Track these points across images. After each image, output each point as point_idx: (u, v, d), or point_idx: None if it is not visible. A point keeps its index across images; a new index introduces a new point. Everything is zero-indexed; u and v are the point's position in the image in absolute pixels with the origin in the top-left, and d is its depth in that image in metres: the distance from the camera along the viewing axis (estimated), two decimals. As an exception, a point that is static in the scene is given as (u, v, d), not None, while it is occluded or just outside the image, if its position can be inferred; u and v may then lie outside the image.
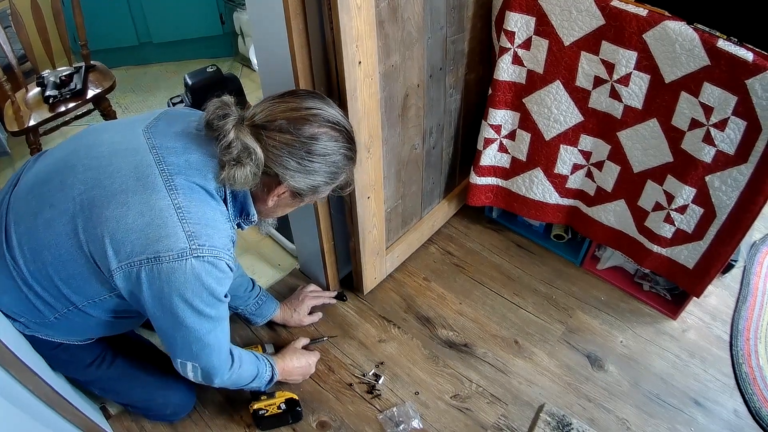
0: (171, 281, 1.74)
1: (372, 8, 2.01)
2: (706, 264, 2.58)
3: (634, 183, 2.61)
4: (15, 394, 1.70)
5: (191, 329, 1.87)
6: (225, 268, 1.84)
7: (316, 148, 1.81)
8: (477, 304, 2.98)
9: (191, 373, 2.06)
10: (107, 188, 1.77)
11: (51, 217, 1.81)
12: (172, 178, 1.78)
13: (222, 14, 4.62)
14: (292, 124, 1.79)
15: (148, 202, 1.74)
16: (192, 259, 1.73)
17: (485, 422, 2.52)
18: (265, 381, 2.35)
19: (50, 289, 1.88)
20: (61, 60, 3.64)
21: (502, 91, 2.70)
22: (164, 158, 1.81)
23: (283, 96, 1.88)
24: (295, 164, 1.80)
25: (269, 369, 2.37)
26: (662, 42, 2.20)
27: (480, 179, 3.05)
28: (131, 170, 1.79)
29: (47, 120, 3.36)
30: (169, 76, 4.78)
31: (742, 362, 2.70)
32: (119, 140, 1.90)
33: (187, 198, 1.77)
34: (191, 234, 1.74)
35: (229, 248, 1.86)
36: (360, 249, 2.71)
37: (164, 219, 1.73)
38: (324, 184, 1.91)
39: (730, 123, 2.17)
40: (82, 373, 2.23)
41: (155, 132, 1.90)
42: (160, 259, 1.72)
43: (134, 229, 1.73)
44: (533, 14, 2.44)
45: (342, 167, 1.92)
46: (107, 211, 1.75)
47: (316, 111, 1.83)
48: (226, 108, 1.81)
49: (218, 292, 1.85)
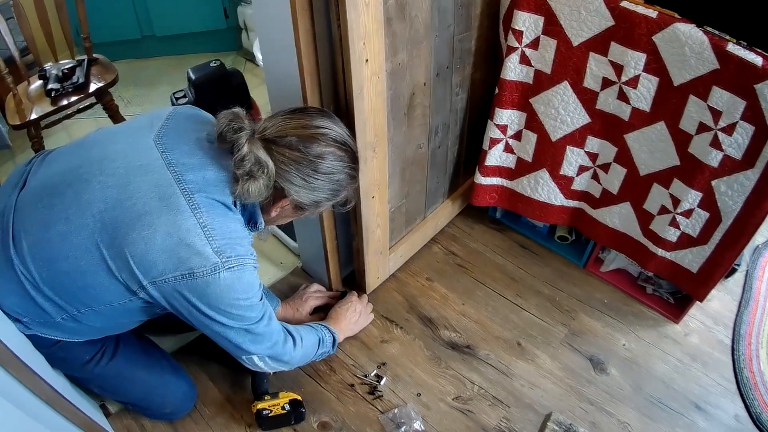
0: (208, 294, 1.84)
1: (380, 5, 2.00)
2: (710, 268, 2.57)
3: (640, 186, 2.60)
4: (14, 393, 1.69)
5: (238, 329, 1.99)
6: (251, 270, 1.92)
7: (322, 167, 1.89)
8: (480, 305, 2.97)
9: (262, 364, 2.17)
10: (130, 209, 1.81)
11: (67, 231, 1.84)
12: (193, 196, 1.83)
13: (226, 8, 4.61)
14: (301, 141, 1.86)
15: (175, 223, 1.79)
16: (224, 271, 1.82)
17: (487, 425, 2.51)
18: (329, 344, 2.52)
19: (63, 294, 1.90)
20: (63, 53, 3.63)
21: (509, 91, 2.68)
22: (183, 176, 1.85)
23: (294, 112, 1.94)
24: (300, 180, 1.88)
25: (328, 332, 2.52)
26: (671, 44, 2.18)
27: (485, 179, 3.04)
28: (152, 189, 1.83)
29: (49, 114, 3.35)
30: (171, 70, 4.77)
31: (743, 367, 2.70)
32: (132, 154, 1.91)
33: (210, 215, 1.84)
34: (218, 249, 1.81)
35: (252, 252, 1.94)
36: (363, 248, 2.70)
37: (192, 238, 1.79)
38: (326, 200, 2.00)
39: (738, 127, 2.16)
40: (80, 370, 2.22)
41: (168, 145, 1.92)
42: (194, 275, 1.80)
43: (164, 249, 1.79)
44: (542, 13, 2.43)
45: (344, 185, 2.01)
46: (134, 233, 1.79)
47: (324, 130, 1.90)
48: (239, 121, 1.85)
49: (251, 292, 1.94)
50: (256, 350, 2.09)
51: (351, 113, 2.16)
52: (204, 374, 2.67)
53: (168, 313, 2.02)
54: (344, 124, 2.05)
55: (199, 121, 2.06)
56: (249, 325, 2.00)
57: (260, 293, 2.02)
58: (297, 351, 2.27)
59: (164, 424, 2.52)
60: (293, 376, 2.65)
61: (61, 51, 3.61)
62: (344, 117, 2.19)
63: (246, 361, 2.14)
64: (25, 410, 1.70)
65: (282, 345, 2.19)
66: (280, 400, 2.43)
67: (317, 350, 2.44)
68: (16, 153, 3.94)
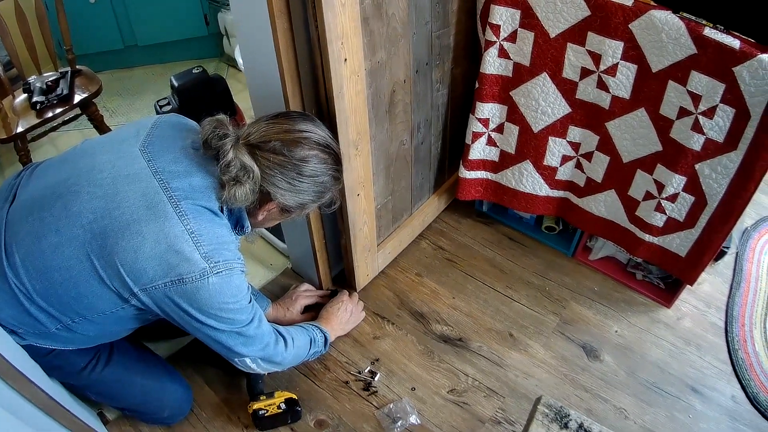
0: (198, 299, 1.86)
1: (356, 5, 2.01)
2: (699, 251, 2.58)
3: (623, 173, 2.61)
4: (11, 402, 1.70)
5: (230, 333, 2.01)
6: (239, 274, 1.94)
7: (306, 170, 1.92)
8: (470, 298, 2.98)
9: (254, 366, 2.19)
10: (118, 219, 1.83)
11: (58, 242, 1.85)
12: (180, 203, 1.85)
13: (206, 15, 4.61)
14: (285, 146, 1.88)
15: (163, 230, 1.81)
16: (212, 276, 1.84)
17: (483, 416, 2.52)
18: (321, 343, 2.54)
19: (57, 305, 1.91)
20: (46, 65, 3.63)
21: (489, 85, 2.69)
22: (169, 183, 1.87)
23: (276, 117, 1.97)
24: (285, 184, 1.91)
25: (319, 332, 2.54)
26: (648, 31, 2.20)
27: (469, 173, 3.04)
28: (140, 198, 1.85)
29: (35, 126, 3.35)
30: (155, 78, 4.76)
31: (737, 348, 2.71)
32: (120, 164, 1.93)
33: (197, 221, 1.86)
34: (206, 255, 1.83)
35: (239, 256, 1.96)
36: (351, 246, 2.71)
37: (181, 245, 1.81)
38: (311, 202, 2.04)
39: (719, 111, 2.17)
40: (76, 377, 2.22)
41: (153, 153, 1.94)
42: (184, 281, 1.82)
43: (153, 257, 1.80)
44: (518, 7, 2.44)
45: (329, 187, 2.04)
46: (122, 242, 1.81)
47: (307, 134, 1.93)
48: (223, 127, 1.88)
49: (240, 296, 1.96)
50: (248, 352, 2.11)
51: (332, 113, 2.17)
52: (199, 377, 2.67)
53: (161, 319, 2.02)
54: (326, 123, 2.08)
55: (184, 129, 2.08)
56: (240, 327, 2.02)
57: (249, 296, 2.04)
58: (289, 352, 2.30)
59: (162, 428, 2.52)
60: (288, 375, 2.66)
61: (45, 64, 3.60)
62: (326, 116, 2.21)
63: (239, 363, 2.16)
64: (22, 419, 1.71)
65: (273, 346, 2.21)
66: (276, 400, 2.44)
67: (309, 350, 2.46)
68: (4, 167, 3.94)
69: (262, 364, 2.20)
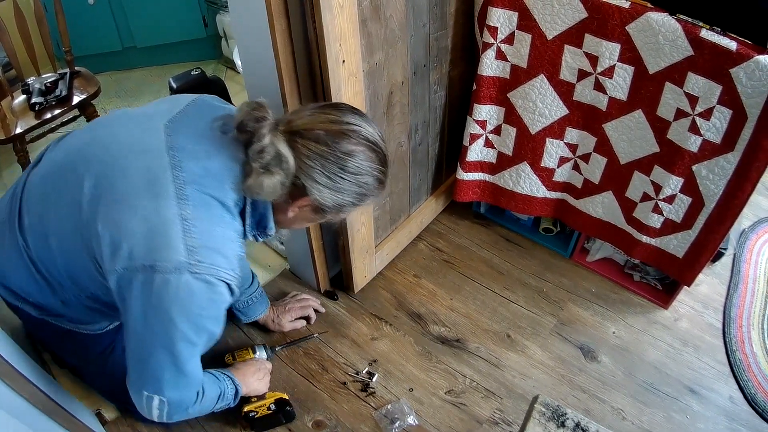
0: (161, 294, 1.65)
1: (354, 7, 2.01)
2: (696, 253, 2.59)
3: (621, 174, 2.62)
4: (9, 401, 1.70)
5: (169, 352, 1.76)
6: (223, 291, 1.75)
7: (350, 166, 1.74)
8: (468, 299, 2.99)
9: (156, 411, 1.87)
10: (116, 187, 1.71)
11: (61, 206, 1.79)
12: (185, 187, 1.70)
13: (205, 17, 4.61)
14: (330, 136, 1.71)
15: (156, 209, 1.67)
16: (188, 274, 1.64)
17: (480, 416, 2.53)
18: (231, 397, 2.23)
19: (56, 275, 1.87)
20: (45, 67, 3.63)
21: (487, 87, 2.70)
22: (181, 163, 1.73)
23: (324, 107, 1.82)
24: (325, 179, 1.73)
25: (230, 384, 2.23)
26: (645, 33, 2.21)
27: (467, 175, 3.05)
28: (144, 171, 1.72)
29: (34, 127, 3.34)
30: (153, 80, 4.76)
31: (735, 349, 2.72)
32: (138, 135, 1.82)
33: (197, 210, 1.70)
34: (192, 249, 1.65)
35: (234, 268, 1.76)
36: (349, 247, 2.71)
37: (167, 229, 1.65)
38: (350, 205, 1.83)
39: (716, 112, 2.18)
40: (88, 363, 2.23)
41: (177, 129, 1.81)
42: (155, 268, 1.63)
43: (136, 234, 1.65)
44: (515, 9, 2.45)
45: (371, 190, 1.84)
46: (113, 212, 1.69)
47: (356, 127, 1.76)
48: (262, 110, 1.73)
49: (209, 316, 1.77)
50: (164, 392, 1.83)
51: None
52: (197, 379, 2.66)
53: None
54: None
55: (219, 110, 1.94)
56: (181, 360, 1.78)
57: (220, 321, 1.83)
58: (196, 406, 1.99)
59: (160, 429, 2.52)
60: (286, 376, 2.67)
61: (43, 65, 3.61)
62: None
63: (144, 401, 1.85)
64: (20, 419, 1.70)
65: (189, 397, 1.93)
66: (266, 401, 2.43)
67: (215, 404, 2.14)
68: (3, 168, 3.93)
69: (164, 413, 1.88)
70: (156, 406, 1.84)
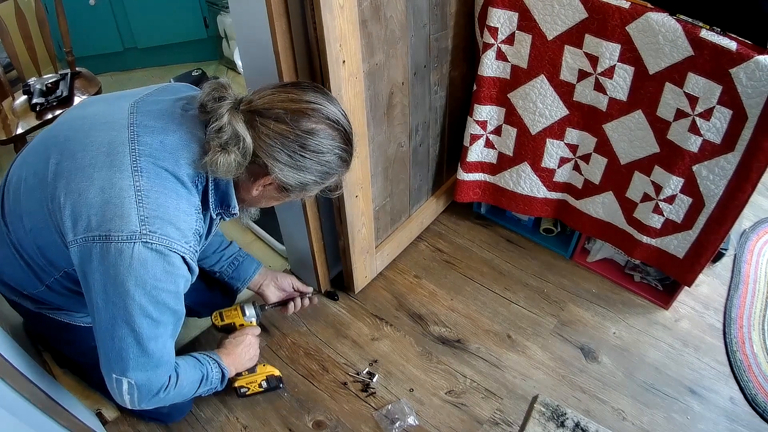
0: (117, 264, 1.65)
1: (355, 7, 2.01)
2: (696, 253, 2.59)
3: (621, 175, 2.62)
4: (9, 401, 1.70)
5: (131, 328, 1.73)
6: (177, 263, 1.75)
7: (311, 144, 1.74)
8: (468, 299, 2.99)
9: (127, 396, 1.84)
10: (78, 161, 1.73)
11: (32, 185, 1.81)
12: (140, 159, 1.71)
13: (206, 18, 4.62)
14: (289, 114, 1.71)
15: (111, 180, 1.68)
16: (140, 243, 1.65)
17: (481, 417, 2.53)
18: (217, 381, 2.18)
19: (34, 256, 1.87)
20: (46, 67, 3.63)
21: (487, 87, 2.70)
22: (138, 137, 1.74)
23: (285, 86, 1.81)
24: (286, 157, 1.73)
25: (216, 367, 2.18)
26: (645, 34, 2.21)
27: (467, 175, 3.05)
28: (104, 145, 1.73)
29: (35, 128, 3.34)
30: (154, 80, 4.73)
31: (736, 350, 2.71)
32: (103, 113, 1.84)
33: (151, 182, 1.70)
34: (144, 218, 1.66)
35: (188, 241, 1.77)
36: (349, 248, 2.71)
37: (122, 199, 1.66)
38: (313, 183, 1.83)
39: (716, 112, 2.18)
40: (87, 356, 2.21)
41: (140, 107, 1.83)
42: (110, 238, 1.65)
43: (93, 204, 1.67)
44: (516, 9, 2.45)
45: (335, 168, 1.84)
46: (73, 183, 1.70)
47: (316, 105, 1.75)
48: (223, 90, 1.75)
49: (166, 289, 1.75)
50: (131, 373, 1.79)
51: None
52: (198, 380, 2.66)
53: None
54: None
55: (185, 92, 1.97)
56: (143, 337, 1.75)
57: (180, 298, 1.82)
58: (168, 394, 1.94)
59: (160, 428, 2.52)
60: (286, 377, 2.67)
61: (45, 65, 3.61)
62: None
63: (114, 384, 1.81)
64: (20, 418, 1.71)
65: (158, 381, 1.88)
66: (257, 377, 2.44)
67: (197, 389, 2.09)
68: (3, 168, 3.92)
69: (135, 397, 1.85)
70: (126, 390, 1.82)
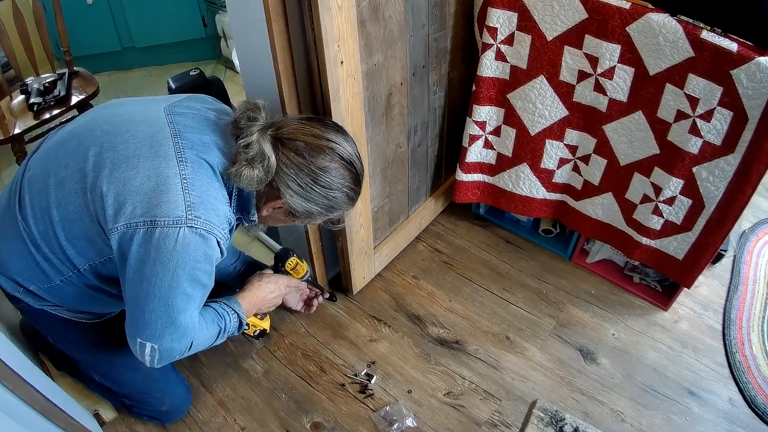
0: (160, 247, 1.76)
1: (353, 7, 2.01)
2: (696, 255, 2.59)
3: (621, 176, 2.61)
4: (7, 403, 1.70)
5: (164, 302, 1.84)
6: (214, 245, 1.86)
7: (321, 180, 1.87)
8: (467, 300, 2.98)
9: (148, 357, 1.94)
10: (121, 152, 1.82)
11: (64, 176, 1.87)
12: (184, 151, 1.83)
13: (204, 17, 4.62)
14: (308, 149, 1.85)
15: (157, 169, 1.78)
16: (186, 228, 1.76)
17: (479, 418, 2.52)
18: (234, 328, 2.22)
19: (56, 250, 1.92)
20: (44, 67, 3.63)
21: (486, 88, 2.69)
22: (180, 132, 1.86)
23: (311, 120, 1.95)
24: (297, 186, 1.86)
25: (234, 318, 2.21)
26: (646, 34, 2.20)
27: (466, 176, 3.05)
28: (147, 138, 1.84)
29: (32, 127, 3.35)
30: (152, 80, 4.77)
31: (735, 351, 2.71)
32: (139, 112, 1.95)
33: (194, 171, 1.81)
34: (190, 204, 1.77)
35: (224, 228, 1.88)
36: (348, 249, 2.70)
37: (168, 186, 1.77)
38: (318, 213, 1.96)
39: (716, 114, 2.17)
40: (86, 353, 2.27)
41: (175, 110, 1.95)
42: (155, 223, 1.75)
43: (139, 192, 1.77)
44: (515, 10, 2.44)
45: (340, 204, 1.97)
46: (117, 173, 1.79)
47: (334, 145, 1.88)
48: (257, 111, 1.87)
49: (203, 269, 1.87)
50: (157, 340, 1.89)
51: (328, 115, 2.17)
52: (195, 379, 2.68)
53: None
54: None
55: (213, 105, 2.09)
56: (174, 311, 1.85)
57: (207, 286, 1.94)
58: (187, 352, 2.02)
59: (158, 428, 2.52)
60: (284, 377, 2.67)
61: (42, 65, 3.61)
62: (322, 119, 2.19)
63: (138, 346, 1.91)
64: (17, 420, 1.71)
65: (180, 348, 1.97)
66: (262, 323, 2.45)
67: (213, 342, 2.14)
68: (1, 168, 3.93)
69: (156, 360, 1.95)
70: (148, 353, 1.92)
